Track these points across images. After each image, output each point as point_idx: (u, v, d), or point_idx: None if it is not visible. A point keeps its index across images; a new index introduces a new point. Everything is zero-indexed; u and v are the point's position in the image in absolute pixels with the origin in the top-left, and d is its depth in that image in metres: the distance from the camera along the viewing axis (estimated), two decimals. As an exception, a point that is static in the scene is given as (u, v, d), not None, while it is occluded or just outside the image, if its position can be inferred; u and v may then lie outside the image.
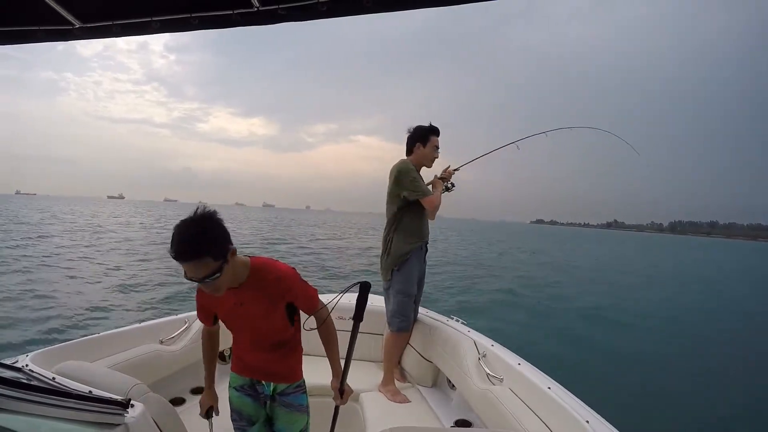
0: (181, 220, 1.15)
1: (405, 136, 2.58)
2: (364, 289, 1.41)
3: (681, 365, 6.08)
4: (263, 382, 1.49)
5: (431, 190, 2.52)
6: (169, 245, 1.11)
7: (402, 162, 2.49)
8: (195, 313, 2.54)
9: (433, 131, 2.50)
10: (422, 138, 2.49)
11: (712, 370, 5.93)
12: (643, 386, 5.00)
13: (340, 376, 1.47)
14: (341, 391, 1.47)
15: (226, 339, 2.59)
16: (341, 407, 1.52)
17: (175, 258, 1.11)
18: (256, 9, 1.09)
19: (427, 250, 2.59)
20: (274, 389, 1.49)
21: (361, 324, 1.40)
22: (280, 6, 1.08)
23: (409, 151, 2.55)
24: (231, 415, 1.51)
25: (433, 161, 2.54)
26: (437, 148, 2.52)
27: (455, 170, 2.64)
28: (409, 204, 2.45)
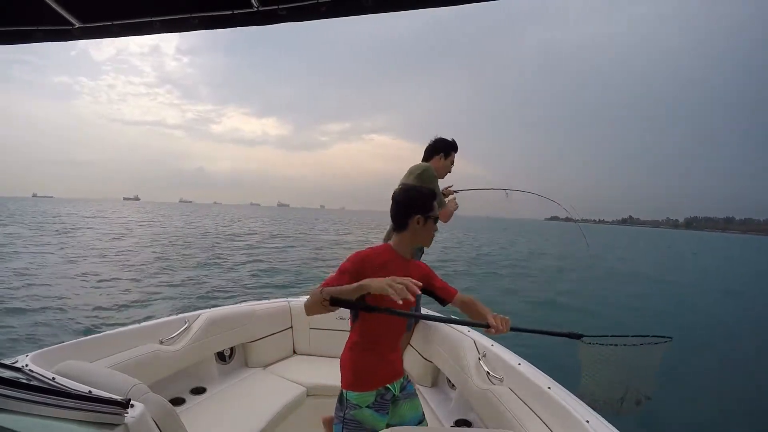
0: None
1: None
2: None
3: (682, 365, 6.07)
4: (389, 385, 1.42)
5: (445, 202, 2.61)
6: None
7: (429, 166, 2.56)
8: (195, 313, 2.52)
9: (454, 147, 2.62)
10: (445, 150, 2.60)
11: (714, 369, 5.93)
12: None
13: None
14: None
15: (225, 338, 2.60)
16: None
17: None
18: (255, 9, 1.09)
19: (422, 254, 2.63)
20: (399, 386, 1.45)
21: None
22: (280, 6, 1.07)
23: (427, 159, 2.62)
24: None
25: (445, 175, 2.65)
26: (453, 163, 2.64)
27: (455, 192, 2.72)
28: None
